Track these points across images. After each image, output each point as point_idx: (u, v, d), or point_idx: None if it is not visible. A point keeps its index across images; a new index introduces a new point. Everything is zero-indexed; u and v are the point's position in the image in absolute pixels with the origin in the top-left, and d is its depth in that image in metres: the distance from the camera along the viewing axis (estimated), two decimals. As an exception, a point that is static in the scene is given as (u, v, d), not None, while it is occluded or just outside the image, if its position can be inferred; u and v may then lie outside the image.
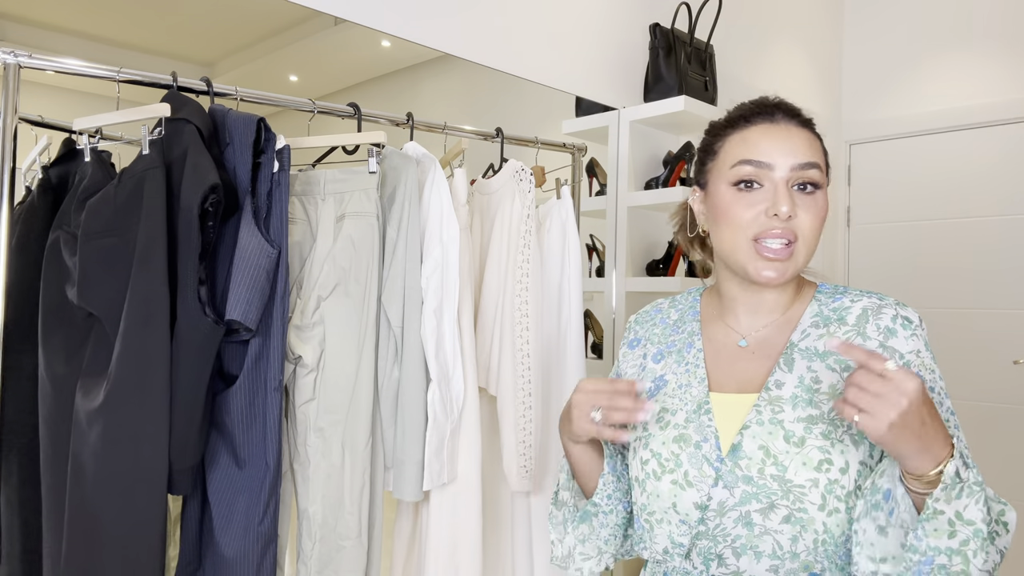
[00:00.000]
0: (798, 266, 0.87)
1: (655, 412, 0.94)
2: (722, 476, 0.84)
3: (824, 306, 0.92)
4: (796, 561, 0.82)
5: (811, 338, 0.89)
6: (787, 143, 0.87)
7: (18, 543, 1.25)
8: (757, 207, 0.86)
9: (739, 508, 0.83)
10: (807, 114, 0.92)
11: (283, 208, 1.27)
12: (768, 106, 0.91)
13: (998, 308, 3.01)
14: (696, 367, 0.94)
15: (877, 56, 3.35)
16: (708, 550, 0.85)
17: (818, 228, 0.87)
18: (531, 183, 1.58)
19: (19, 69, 1.13)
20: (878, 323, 0.87)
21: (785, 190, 0.85)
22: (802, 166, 0.86)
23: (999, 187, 3.01)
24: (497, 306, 1.55)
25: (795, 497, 0.81)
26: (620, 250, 2.25)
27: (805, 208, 0.86)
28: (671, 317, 1.03)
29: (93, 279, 1.15)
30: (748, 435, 0.84)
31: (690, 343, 0.97)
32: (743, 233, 0.87)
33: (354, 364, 1.33)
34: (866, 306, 0.89)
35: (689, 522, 0.86)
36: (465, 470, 1.45)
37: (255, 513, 1.23)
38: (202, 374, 1.17)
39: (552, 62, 2.04)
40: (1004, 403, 2.97)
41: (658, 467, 0.88)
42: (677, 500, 0.86)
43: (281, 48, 1.76)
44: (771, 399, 0.86)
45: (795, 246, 0.86)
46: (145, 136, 1.18)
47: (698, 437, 0.87)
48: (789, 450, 0.82)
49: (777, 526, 0.81)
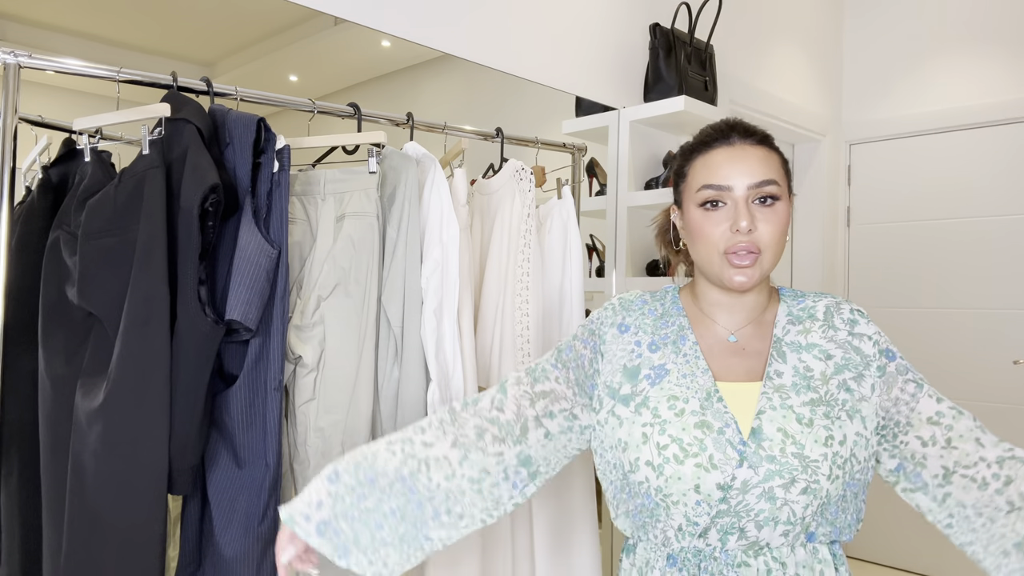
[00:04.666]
0: (764, 271, 0.97)
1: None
2: (747, 457, 0.91)
3: (792, 307, 1.05)
4: (802, 525, 0.92)
5: (792, 333, 1.02)
6: (743, 164, 0.97)
7: (18, 543, 1.25)
8: (722, 225, 0.97)
9: (763, 485, 0.90)
10: (762, 132, 1.02)
11: (283, 208, 1.27)
12: (724, 130, 1.01)
13: (998, 308, 3.01)
14: (696, 358, 1.00)
15: (877, 56, 3.35)
16: (730, 526, 0.92)
17: (779, 236, 0.97)
18: (531, 183, 1.58)
19: (19, 69, 1.13)
20: (841, 316, 1.03)
21: (744, 207, 0.96)
22: (758, 184, 0.96)
23: (999, 187, 3.01)
24: (497, 306, 1.55)
25: (812, 471, 0.90)
26: (620, 250, 2.25)
27: (765, 220, 0.96)
28: (657, 310, 1.08)
29: (93, 279, 1.15)
30: (766, 419, 0.93)
31: (683, 336, 1.03)
32: (714, 248, 0.97)
33: (354, 364, 1.33)
34: (827, 304, 1.04)
35: (710, 502, 0.92)
36: (465, 470, 1.45)
37: (255, 513, 1.23)
38: (202, 374, 1.17)
39: (552, 62, 2.04)
40: (1004, 403, 2.97)
41: (680, 451, 0.93)
42: (700, 482, 0.92)
43: (281, 48, 1.76)
44: (776, 387, 0.96)
45: (760, 255, 0.96)
46: (145, 136, 1.18)
47: (719, 423, 0.94)
48: (802, 430, 0.92)
49: (796, 497, 0.91)
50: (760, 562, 0.92)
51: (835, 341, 1.00)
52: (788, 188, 1.01)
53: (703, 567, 0.93)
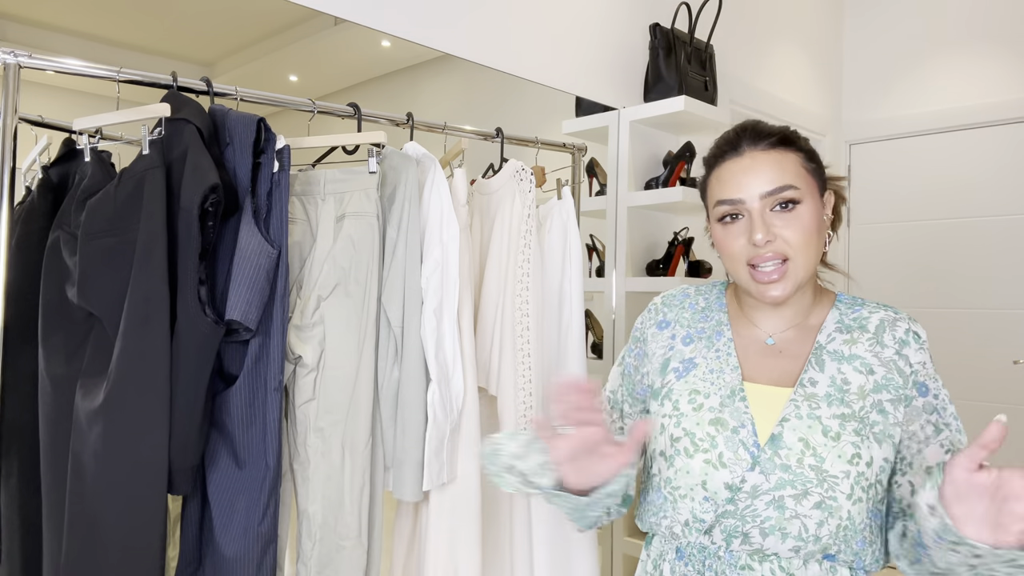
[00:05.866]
0: (798, 279, 0.92)
1: (655, 430, 0.99)
2: (760, 462, 0.89)
3: (845, 315, 0.99)
4: (817, 544, 0.88)
5: (836, 342, 0.96)
6: (752, 175, 0.93)
7: (18, 543, 1.25)
8: (741, 238, 0.94)
9: (773, 492, 0.88)
10: (778, 132, 0.96)
11: (283, 208, 1.27)
12: (733, 140, 0.96)
13: (998, 308, 3.01)
14: (728, 355, 0.99)
15: (877, 56, 3.35)
16: (734, 528, 0.90)
17: (806, 241, 0.91)
18: (531, 183, 1.58)
19: (19, 69, 1.13)
20: (894, 334, 0.95)
21: (759, 218, 0.92)
22: (770, 193, 0.92)
23: (999, 187, 3.01)
24: (497, 306, 1.55)
25: (828, 486, 0.87)
26: (620, 250, 2.25)
27: (786, 226, 0.91)
28: (699, 304, 1.07)
29: (93, 279, 1.15)
30: (788, 427, 0.90)
31: (719, 332, 1.02)
32: (738, 261, 0.94)
33: (354, 364, 1.33)
34: (883, 318, 0.97)
35: (716, 500, 0.90)
36: (465, 470, 1.45)
37: (255, 513, 1.23)
38: (202, 374, 1.17)
39: (552, 62, 2.04)
40: (1004, 403, 2.97)
41: (691, 445, 0.93)
42: (707, 479, 0.91)
43: (281, 48, 1.76)
44: (807, 395, 0.92)
45: (789, 263, 0.91)
46: (145, 136, 1.18)
47: (735, 422, 0.92)
48: (827, 443, 0.88)
49: (808, 511, 0.87)
50: (765, 568, 0.90)
51: (880, 358, 0.93)
52: (817, 184, 0.96)
53: (708, 564, 0.93)
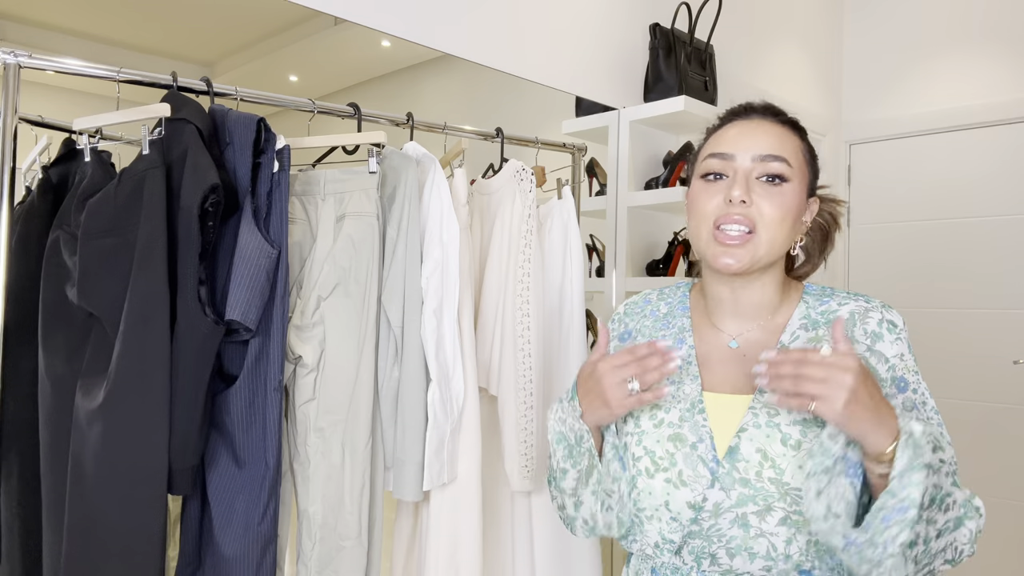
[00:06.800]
0: (758, 255, 0.87)
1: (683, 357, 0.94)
2: (719, 478, 0.84)
3: (812, 309, 0.93)
4: (789, 562, 0.83)
5: (800, 341, 0.90)
6: (752, 137, 0.89)
7: (18, 542, 1.25)
8: (719, 196, 0.88)
9: (736, 510, 0.83)
10: (791, 117, 0.94)
11: (283, 208, 1.27)
12: (746, 108, 0.94)
13: (998, 308, 3.01)
14: (688, 364, 0.94)
15: (877, 56, 3.35)
16: (701, 549, 0.86)
17: (780, 219, 0.87)
18: (532, 183, 1.58)
19: (19, 69, 1.13)
20: (865, 327, 0.89)
21: (744, 179, 0.87)
22: (764, 157, 0.87)
23: (999, 187, 3.01)
24: (498, 306, 1.55)
25: (792, 500, 0.81)
26: (620, 250, 2.25)
27: (767, 197, 0.87)
28: (660, 310, 1.02)
29: (93, 279, 1.15)
30: (745, 438, 0.85)
31: (681, 339, 0.97)
32: (705, 221, 0.89)
33: (354, 364, 1.33)
34: (853, 309, 0.90)
35: (681, 520, 0.86)
36: (465, 470, 1.45)
37: (255, 513, 1.23)
38: (202, 374, 1.17)
39: (552, 62, 2.04)
40: (1004, 403, 2.97)
41: (651, 464, 0.88)
42: (670, 499, 0.87)
43: (281, 48, 1.75)
44: (765, 402, 0.86)
45: (754, 235, 0.86)
46: (145, 136, 1.18)
47: (693, 437, 0.87)
48: (786, 453, 0.83)
49: (773, 528, 0.82)
50: None
51: None
52: (808, 177, 0.92)
53: None
